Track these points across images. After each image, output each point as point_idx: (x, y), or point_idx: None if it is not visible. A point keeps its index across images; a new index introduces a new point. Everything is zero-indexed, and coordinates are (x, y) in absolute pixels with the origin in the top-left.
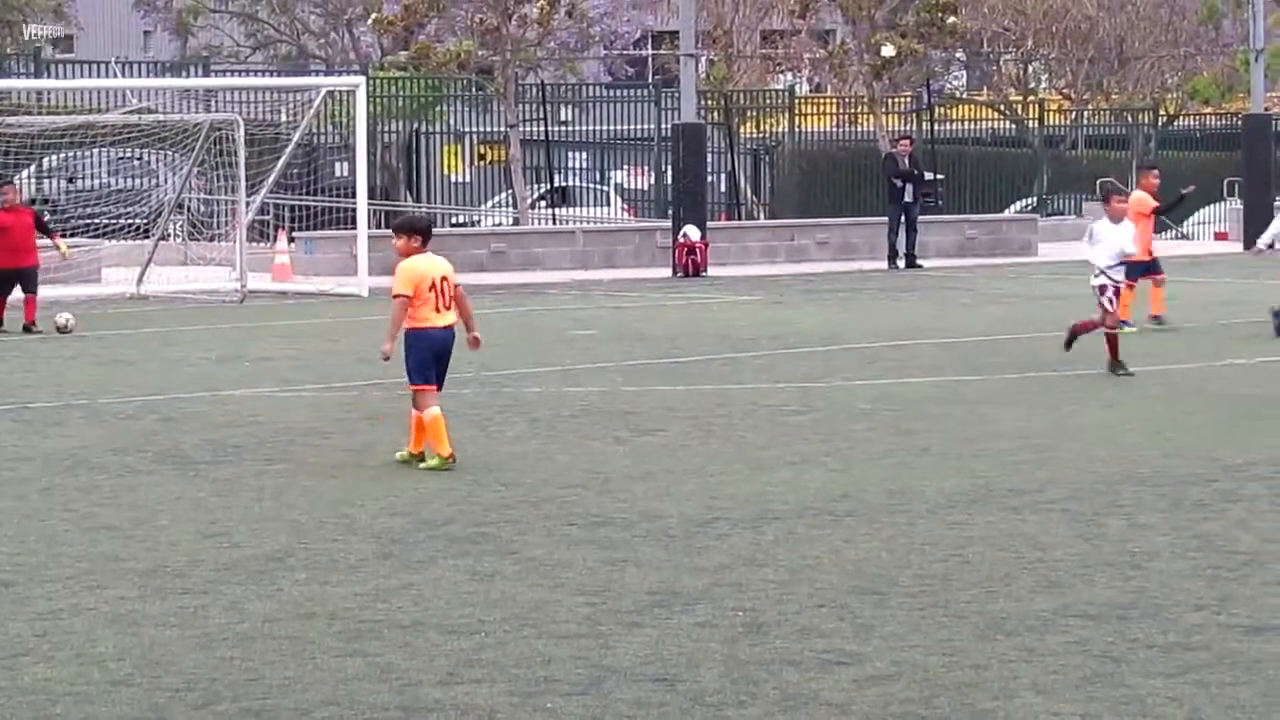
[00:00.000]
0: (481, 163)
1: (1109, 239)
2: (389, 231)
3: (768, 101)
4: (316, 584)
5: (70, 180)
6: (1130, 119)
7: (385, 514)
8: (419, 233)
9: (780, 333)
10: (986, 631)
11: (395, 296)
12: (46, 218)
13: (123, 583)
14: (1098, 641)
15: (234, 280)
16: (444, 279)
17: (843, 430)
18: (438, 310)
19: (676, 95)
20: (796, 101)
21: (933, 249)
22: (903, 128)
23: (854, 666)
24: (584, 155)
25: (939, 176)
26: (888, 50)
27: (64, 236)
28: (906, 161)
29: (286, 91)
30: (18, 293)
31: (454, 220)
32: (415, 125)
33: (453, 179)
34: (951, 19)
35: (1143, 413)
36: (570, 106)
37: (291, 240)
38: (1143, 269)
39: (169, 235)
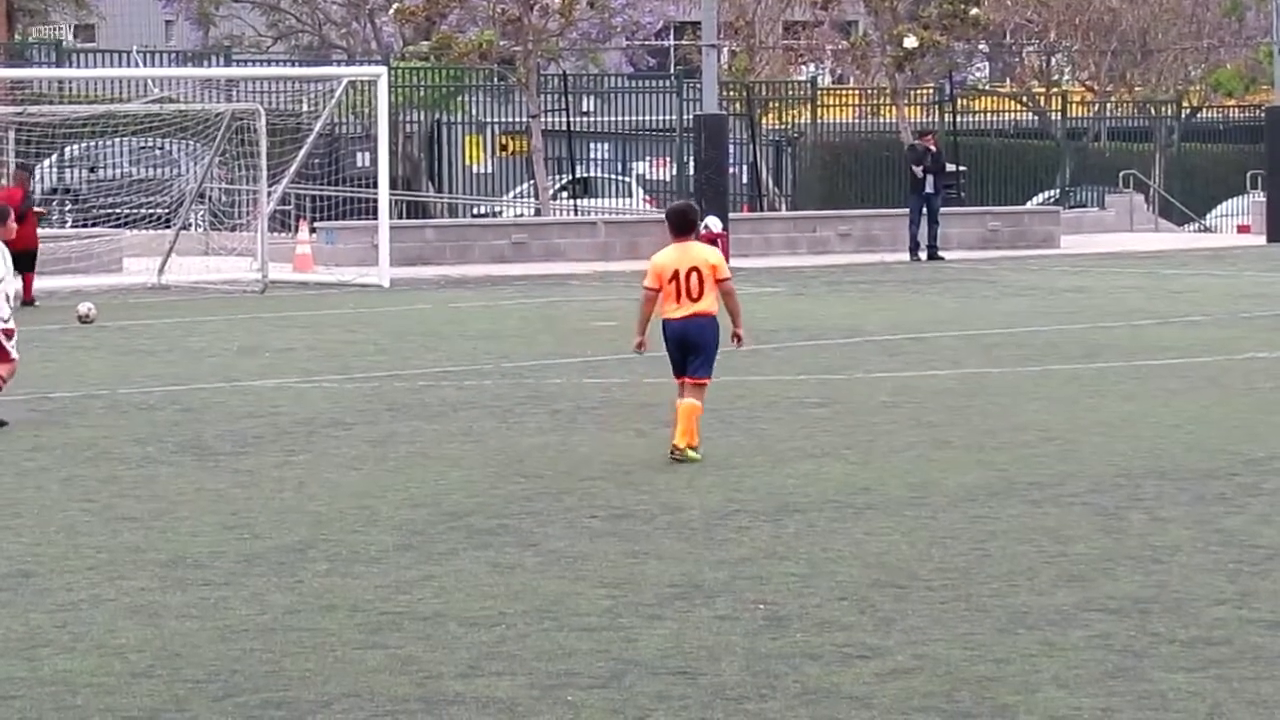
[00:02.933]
0: (503, 153)
1: None
2: (410, 222)
3: (790, 93)
4: (337, 576)
5: (92, 169)
6: (1153, 111)
7: (406, 506)
8: (671, 222)
9: (801, 324)
10: (1008, 625)
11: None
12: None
13: (143, 574)
14: (1119, 636)
15: (255, 270)
16: (692, 270)
17: (864, 423)
18: (677, 302)
19: (698, 86)
20: (819, 93)
21: (955, 241)
22: (925, 119)
23: (875, 660)
24: (606, 146)
25: (961, 168)
26: (910, 42)
27: (85, 226)
28: (929, 155)
29: (308, 81)
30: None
31: (475, 211)
32: (437, 116)
33: (474, 169)
34: (974, 11)
35: (1163, 406)
36: (592, 97)
37: (313, 230)
38: None
39: (190, 225)
